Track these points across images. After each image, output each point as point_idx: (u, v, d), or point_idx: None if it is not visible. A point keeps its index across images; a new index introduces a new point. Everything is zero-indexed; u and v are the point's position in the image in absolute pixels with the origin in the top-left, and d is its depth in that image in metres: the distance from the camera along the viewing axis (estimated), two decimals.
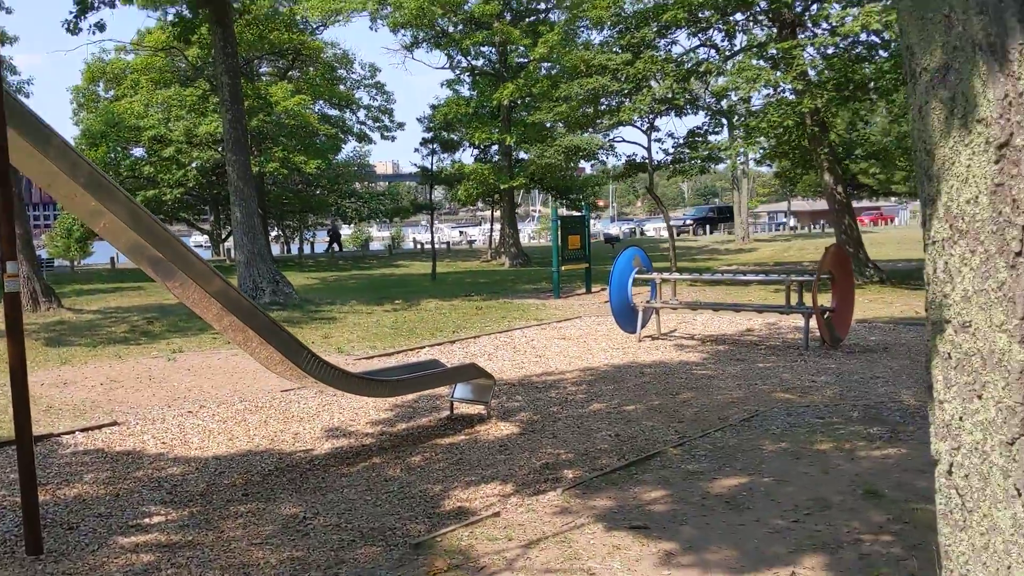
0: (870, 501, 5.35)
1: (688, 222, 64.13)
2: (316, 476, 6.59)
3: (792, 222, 77.29)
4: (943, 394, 2.76)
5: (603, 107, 19.63)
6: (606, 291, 20.00)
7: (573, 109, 19.78)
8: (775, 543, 4.77)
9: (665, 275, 12.70)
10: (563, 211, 30.38)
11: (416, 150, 36.95)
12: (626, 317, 12.72)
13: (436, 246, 29.23)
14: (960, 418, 2.69)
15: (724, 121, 20.72)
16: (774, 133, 17.76)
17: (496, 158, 34.34)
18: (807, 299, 11.95)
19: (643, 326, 12.76)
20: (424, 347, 12.58)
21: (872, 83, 16.69)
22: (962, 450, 2.68)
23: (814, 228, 69.23)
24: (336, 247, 44.25)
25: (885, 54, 17.23)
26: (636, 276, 12.73)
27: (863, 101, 17.72)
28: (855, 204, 67.76)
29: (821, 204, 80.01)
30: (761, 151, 18.81)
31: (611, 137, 23.36)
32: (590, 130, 22.70)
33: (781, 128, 17.15)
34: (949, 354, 2.73)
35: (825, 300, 11.44)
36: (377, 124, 40.24)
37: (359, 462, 6.91)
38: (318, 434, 7.84)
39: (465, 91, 34.88)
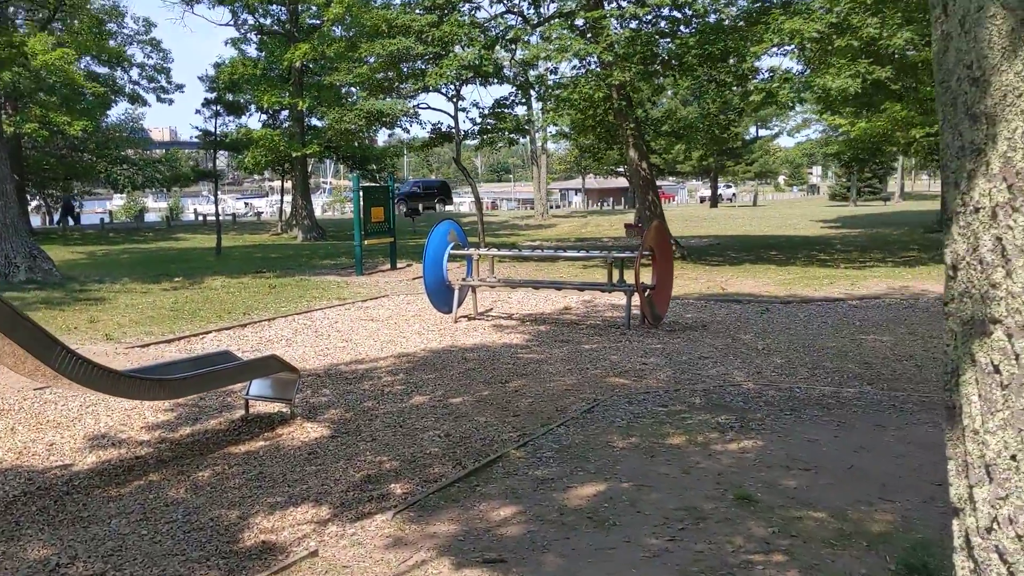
0: (745, 509, 4.72)
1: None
2: (76, 502, 5.19)
3: (578, 200, 79.35)
4: (983, 422, 1.98)
5: (406, 71, 18.46)
6: (413, 267, 19.12)
7: (374, 71, 18.46)
8: (657, 571, 4.00)
9: (483, 250, 11.86)
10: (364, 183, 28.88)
11: (197, 111, 33.91)
12: (441, 296, 11.78)
13: (220, 218, 26.93)
14: (1014, 457, 1.93)
15: (532, 92, 20.14)
16: (582, 105, 17.35)
17: (287, 124, 32.22)
18: (628, 276, 11.51)
19: (459, 305, 11.87)
20: (211, 332, 11.03)
21: (676, 60, 16.61)
22: (1013, 501, 1.93)
23: (604, 206, 71.42)
24: (70, 220, 40.21)
25: (687, 31, 17.25)
26: (452, 252, 11.81)
27: (667, 77, 17.68)
28: None
29: (611, 183, 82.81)
30: (569, 124, 18.35)
31: (415, 104, 22.28)
32: (393, 95, 21.50)
33: (590, 100, 16.75)
34: (997, 367, 1.96)
35: (645, 277, 11.02)
36: (152, 85, 36.74)
37: (132, 481, 5.54)
38: (79, 444, 6.35)
39: (252, 51, 32.42)
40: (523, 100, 19.85)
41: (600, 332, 10.73)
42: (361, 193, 17.78)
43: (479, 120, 20.22)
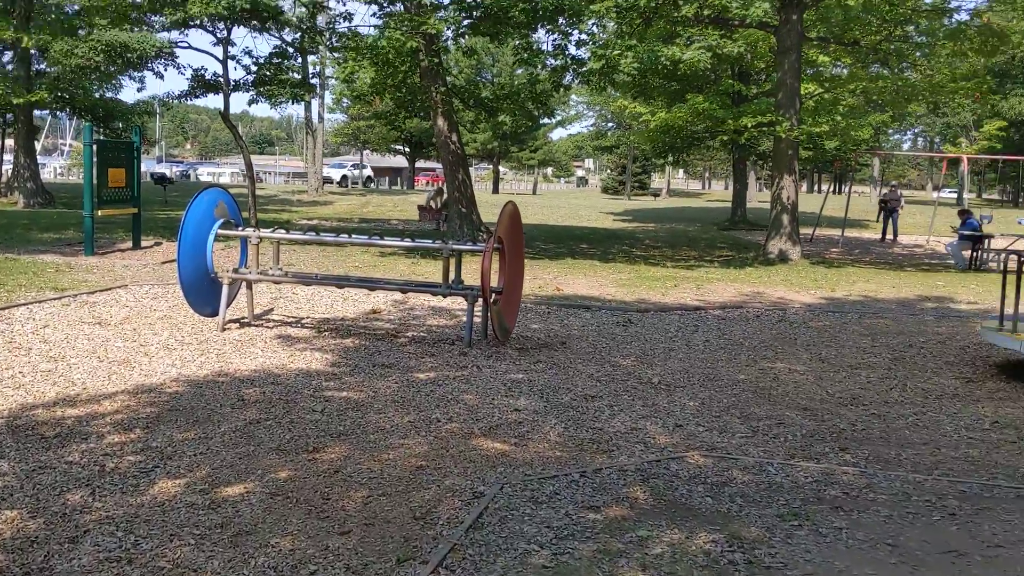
0: None
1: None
2: None
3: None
4: None
5: None
6: (163, 247, 15.11)
7: None
8: None
9: (266, 232, 8.60)
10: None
11: None
12: (203, 292, 8.42)
13: None
14: None
15: (322, 40, 16.72)
16: (388, 57, 14.31)
17: (11, 67, 26.34)
18: (466, 275, 8.77)
19: (228, 306, 8.58)
20: None
21: (502, 13, 14.00)
22: None
23: (379, 185, 68.02)
24: None
25: None
26: (220, 232, 8.48)
27: (496, 36, 15.03)
28: (422, 163, 67.85)
29: (388, 161, 79.34)
30: (369, 80, 15.21)
31: (173, 41, 18.05)
32: (144, 28, 17.27)
33: (396, 51, 13.76)
34: None
35: (493, 279, 8.28)
36: None
37: None
38: None
39: None
40: (311, 48, 16.46)
41: (432, 350, 7.89)
42: (94, 148, 13.67)
43: (254, 69, 16.56)
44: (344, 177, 54.48)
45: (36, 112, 33.64)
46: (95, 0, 14.82)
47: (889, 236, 24.91)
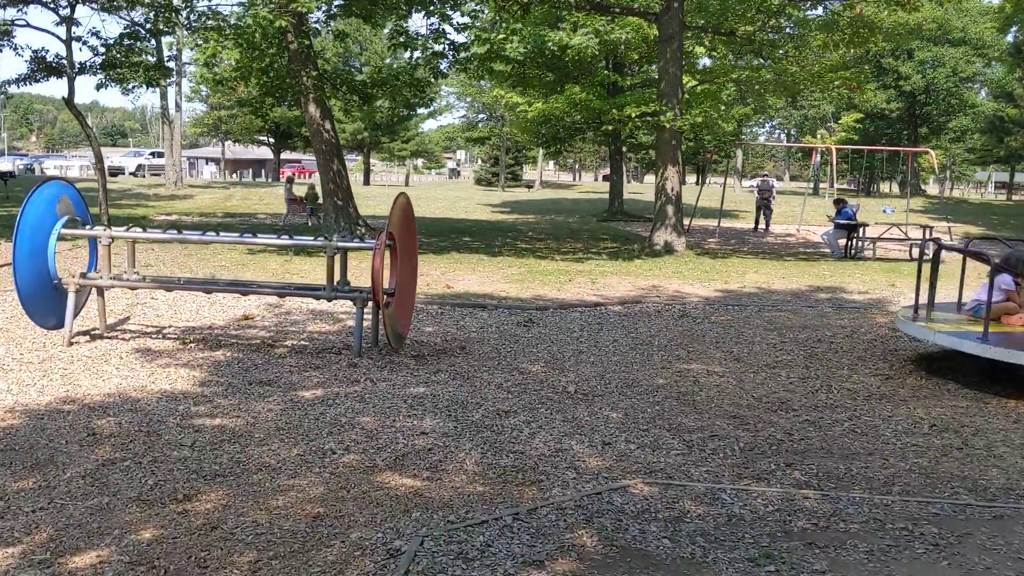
0: None
1: None
2: None
3: (211, 170, 71.79)
4: None
5: None
6: (1, 248, 13.37)
7: None
8: None
9: (118, 231, 7.46)
10: None
11: None
12: (45, 301, 7.24)
13: None
14: None
15: (178, 19, 15.27)
16: (253, 39, 13.12)
17: None
18: (352, 275, 7.91)
19: (75, 316, 7.42)
20: None
21: None
22: None
23: (242, 177, 65.24)
24: None
25: None
26: (64, 231, 7.31)
27: (369, 18, 14.04)
28: (288, 155, 65.38)
29: (250, 153, 76.20)
30: (233, 63, 13.95)
31: (7, 20, 16.09)
32: None
33: (263, 32, 12.62)
34: None
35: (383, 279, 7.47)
36: None
37: None
38: None
39: None
40: (167, 28, 15.03)
41: (316, 361, 7.01)
42: None
43: (102, 51, 14.95)
44: (140, 167, 51.57)
45: None
46: None
47: (762, 226, 25.35)
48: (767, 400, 6.29)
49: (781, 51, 19.76)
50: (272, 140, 54.98)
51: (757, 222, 25.56)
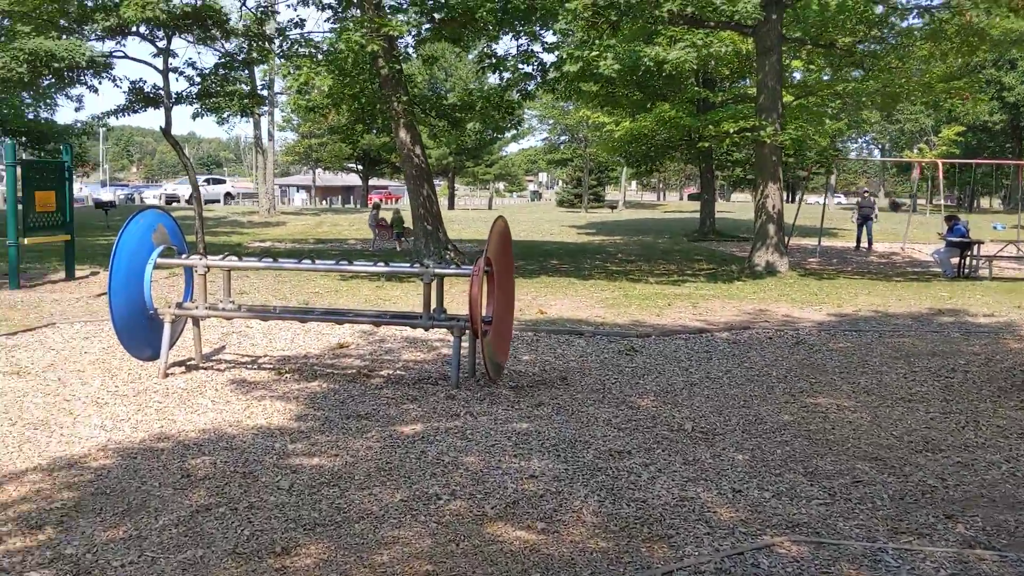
0: None
1: None
2: None
3: (302, 197, 73.18)
4: None
5: (91, 3, 13.10)
6: (100, 277, 13.54)
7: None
8: None
9: (215, 259, 7.31)
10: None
11: None
12: (140, 332, 7.13)
13: None
14: None
15: (272, 48, 15.41)
16: (346, 64, 13.06)
17: None
18: (449, 302, 7.59)
19: (171, 346, 7.29)
20: None
21: (467, 14, 12.88)
22: None
23: (332, 203, 66.43)
24: None
25: None
26: (160, 260, 7.19)
27: (458, 41, 13.88)
28: (375, 181, 66.39)
29: (339, 180, 77.66)
30: (326, 89, 13.94)
31: (106, 52, 16.51)
32: (75, 37, 15.81)
33: (356, 57, 12.55)
34: None
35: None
36: None
37: None
38: None
39: None
40: (260, 57, 15.15)
41: (413, 393, 6.69)
42: (19, 170, 12.23)
43: (198, 80, 15.17)
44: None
45: None
46: (17, 6, 13.36)
47: (864, 244, 24.26)
48: (909, 439, 5.67)
49: (882, 62, 18.88)
50: (360, 167, 55.87)
51: (859, 240, 24.47)
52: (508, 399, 6.55)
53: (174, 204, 45.99)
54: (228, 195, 55.82)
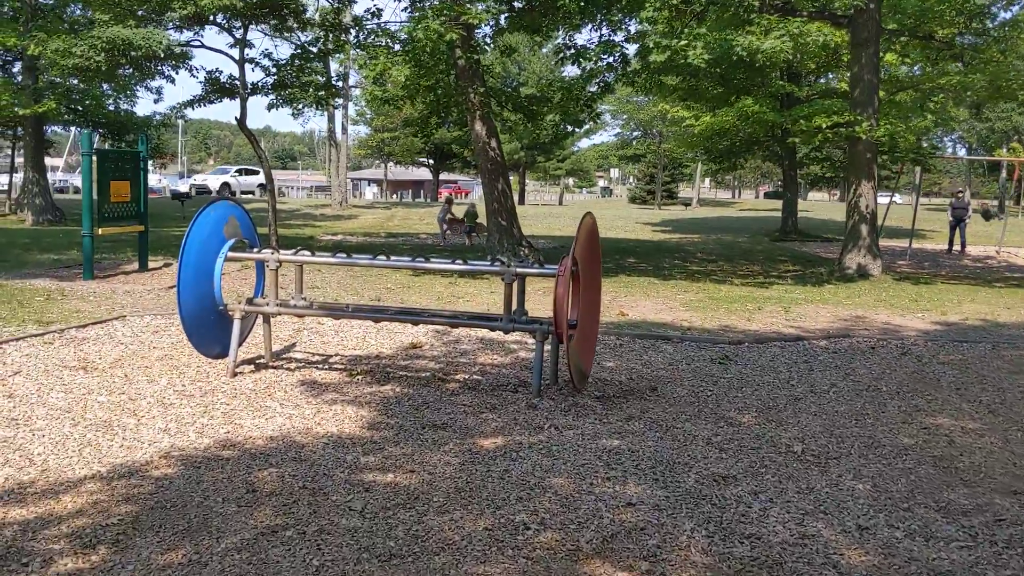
0: None
1: None
2: None
3: (372, 190, 73.59)
4: None
5: None
6: (173, 268, 13.50)
7: None
8: None
9: (287, 254, 6.99)
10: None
11: None
12: (210, 329, 6.84)
13: None
14: None
15: (348, 38, 15.15)
16: (423, 53, 12.70)
17: (20, 77, 25.12)
18: (530, 302, 7.13)
19: (240, 343, 6.99)
20: None
21: (556, 2, 12.36)
22: None
23: (403, 198, 66.68)
24: None
25: None
26: (231, 254, 6.90)
27: (537, 31, 13.40)
28: (444, 175, 66.39)
29: (409, 174, 78.01)
30: (403, 79, 13.63)
31: (183, 41, 16.47)
32: (153, 26, 15.82)
33: (433, 46, 12.17)
34: None
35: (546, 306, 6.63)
36: None
37: None
38: None
39: None
40: (336, 47, 14.91)
41: (491, 400, 6.24)
42: (95, 159, 12.18)
43: (274, 71, 15.01)
44: (224, 185, 48.19)
45: (59, 128, 32.40)
46: None
47: (956, 247, 23.05)
48: None
49: (984, 55, 17.77)
50: (431, 161, 55.89)
51: (951, 243, 23.26)
52: (595, 411, 6.06)
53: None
54: (261, 186, 53.93)
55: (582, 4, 12.10)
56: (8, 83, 22.97)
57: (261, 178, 55.33)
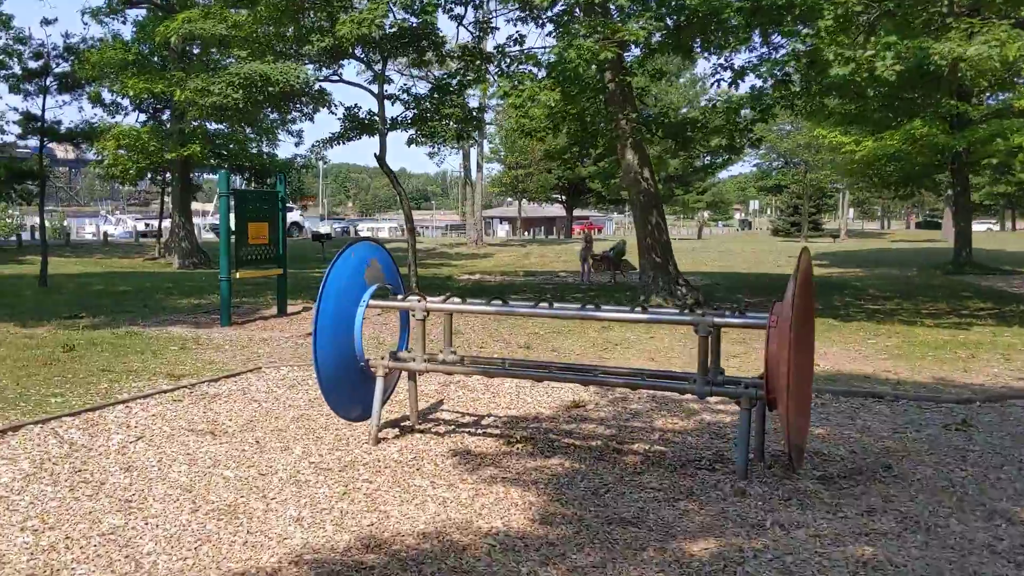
0: None
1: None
2: None
3: (505, 228, 73.44)
4: None
5: (308, 22, 12.53)
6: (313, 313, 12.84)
7: (258, 19, 12.36)
8: None
9: (435, 302, 6.03)
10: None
11: (18, 86, 26.32)
12: (350, 387, 5.94)
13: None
14: None
15: (490, 68, 14.42)
16: (572, 76, 11.70)
17: (170, 123, 25.86)
18: (728, 360, 5.90)
19: (383, 403, 6.05)
20: None
21: (713, 16, 11.19)
22: None
23: (535, 235, 66.19)
24: None
25: None
26: (373, 302, 5.99)
27: (691, 50, 12.23)
28: (576, 212, 65.59)
29: (539, 212, 77.59)
30: (552, 104, 12.68)
31: (321, 76, 16.11)
32: (291, 62, 15.56)
33: (583, 69, 11.18)
34: None
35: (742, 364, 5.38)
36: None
37: None
38: None
39: (128, 32, 25.97)
40: (475, 78, 14.18)
41: (685, 482, 5.03)
42: (234, 199, 11.75)
43: (412, 103, 14.40)
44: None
45: (210, 174, 33.33)
46: (235, 30, 13.10)
47: None
48: None
49: None
50: (564, 197, 55.17)
51: None
52: (822, 499, 4.75)
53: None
54: (296, 225, 49.54)
55: (748, 17, 10.84)
56: (157, 128, 23.54)
57: (296, 215, 50.05)
